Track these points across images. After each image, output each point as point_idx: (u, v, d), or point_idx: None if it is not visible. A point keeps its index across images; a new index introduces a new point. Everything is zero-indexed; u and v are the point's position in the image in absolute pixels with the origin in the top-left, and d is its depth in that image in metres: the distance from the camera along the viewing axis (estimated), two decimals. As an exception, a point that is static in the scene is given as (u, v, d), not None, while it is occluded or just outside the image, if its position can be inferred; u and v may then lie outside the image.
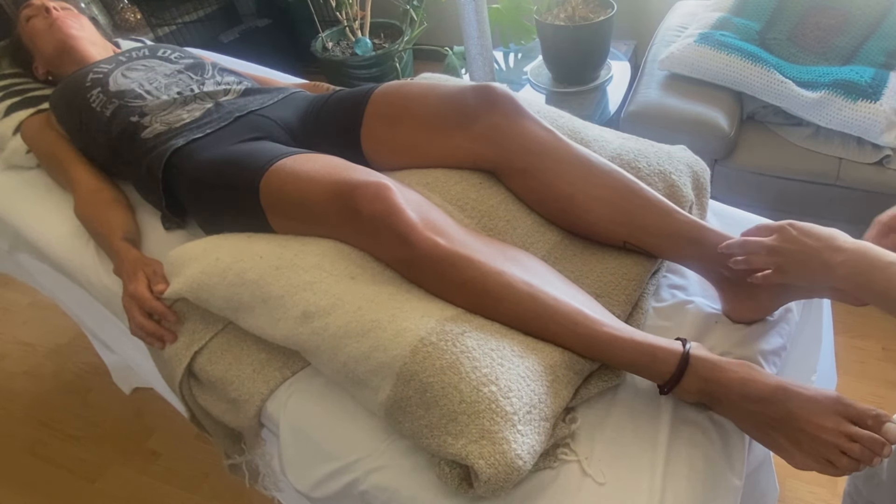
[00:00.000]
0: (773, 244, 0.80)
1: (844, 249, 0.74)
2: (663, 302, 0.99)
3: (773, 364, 0.89)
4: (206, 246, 0.97)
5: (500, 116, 0.98)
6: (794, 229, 0.79)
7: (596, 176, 0.95)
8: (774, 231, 0.81)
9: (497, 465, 0.69)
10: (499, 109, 0.98)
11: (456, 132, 1.00)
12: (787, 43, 1.70)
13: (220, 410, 0.98)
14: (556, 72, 2.06)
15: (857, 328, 1.66)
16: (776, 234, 0.81)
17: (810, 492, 1.37)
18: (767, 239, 0.82)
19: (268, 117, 1.15)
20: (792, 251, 0.79)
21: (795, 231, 0.79)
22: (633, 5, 2.32)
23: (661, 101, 1.70)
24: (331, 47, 2.58)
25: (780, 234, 0.80)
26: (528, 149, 0.97)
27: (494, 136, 0.98)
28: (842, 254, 0.74)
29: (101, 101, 1.20)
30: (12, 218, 1.30)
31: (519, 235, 0.97)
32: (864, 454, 0.68)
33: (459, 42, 2.07)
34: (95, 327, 1.52)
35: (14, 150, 1.36)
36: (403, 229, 0.82)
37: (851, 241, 0.76)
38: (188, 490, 1.57)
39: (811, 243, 0.77)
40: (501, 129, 0.98)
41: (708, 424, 0.81)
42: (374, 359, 0.78)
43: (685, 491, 0.75)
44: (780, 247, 0.80)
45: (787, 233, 0.80)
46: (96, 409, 1.81)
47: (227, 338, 0.97)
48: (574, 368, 0.81)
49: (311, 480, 0.88)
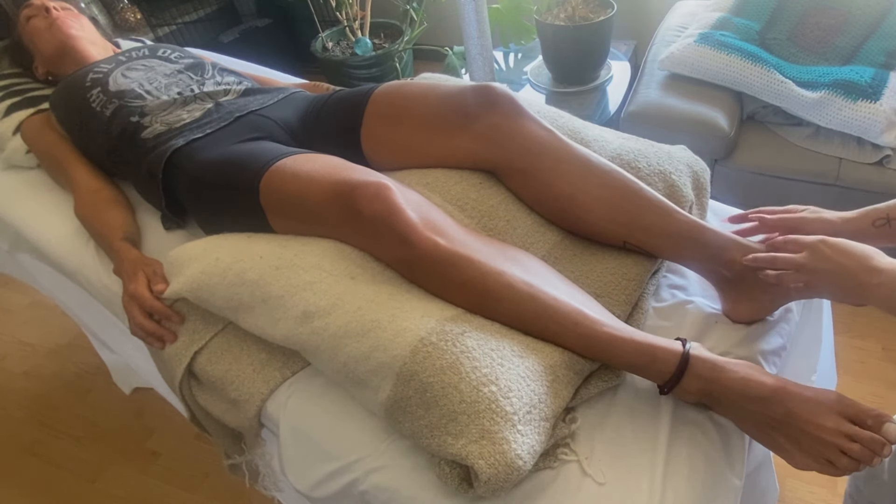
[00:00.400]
0: (805, 262, 0.77)
1: (882, 270, 0.71)
2: (663, 302, 0.99)
3: (773, 364, 0.89)
4: (206, 246, 0.97)
5: (500, 116, 0.98)
6: (827, 247, 0.76)
7: (596, 176, 0.95)
8: (806, 247, 0.78)
9: (497, 465, 0.69)
10: (499, 109, 0.98)
11: (456, 132, 1.00)
12: (787, 43, 1.71)
13: (220, 410, 0.98)
14: (556, 72, 2.06)
15: (857, 328, 1.66)
16: (807, 252, 0.77)
17: (810, 492, 1.37)
18: (799, 256, 0.78)
19: (268, 117, 1.15)
20: (826, 270, 0.75)
21: (829, 249, 0.75)
22: (633, 5, 2.32)
23: (661, 101, 1.70)
24: (331, 47, 2.58)
25: (812, 251, 0.77)
26: (527, 149, 0.97)
27: (494, 136, 0.98)
28: (880, 275, 0.70)
29: (101, 101, 1.20)
30: (12, 218, 1.30)
31: (519, 235, 0.97)
32: (864, 454, 0.68)
33: (459, 42, 2.07)
34: (95, 327, 1.52)
35: (14, 150, 1.36)
36: (403, 229, 0.82)
37: (888, 260, 0.72)
38: (188, 490, 1.57)
39: (846, 263, 0.73)
40: (501, 129, 0.98)
41: (708, 424, 0.81)
42: (374, 359, 0.78)
43: (685, 491, 0.75)
44: (813, 266, 0.76)
45: (819, 251, 0.76)
46: (96, 409, 1.81)
47: (227, 338, 0.97)
48: (574, 368, 0.81)
49: (311, 480, 0.88)
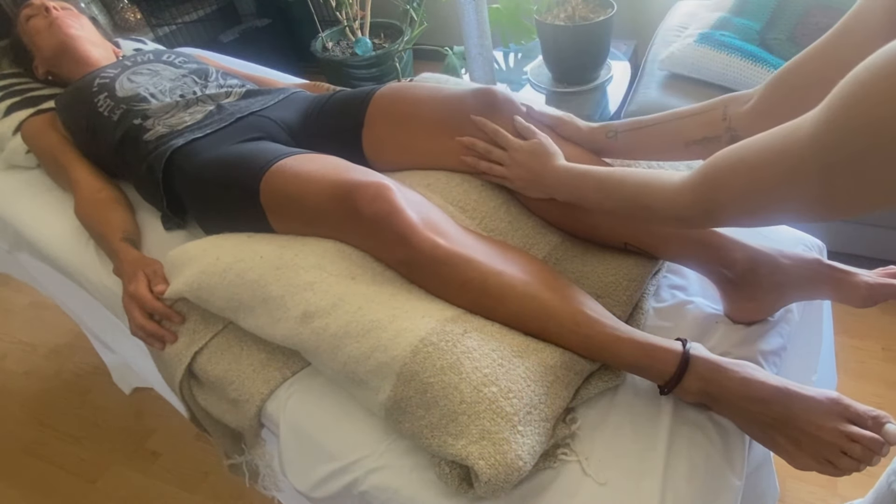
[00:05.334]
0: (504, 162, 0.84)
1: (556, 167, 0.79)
2: (663, 302, 0.99)
3: (773, 364, 0.89)
4: (206, 246, 0.97)
5: (501, 120, 0.98)
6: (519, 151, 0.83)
7: (596, 176, 0.95)
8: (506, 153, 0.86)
9: (497, 466, 0.69)
10: (500, 114, 0.98)
11: (457, 135, 1.00)
12: (788, 43, 1.70)
13: (220, 410, 0.98)
14: (556, 72, 2.06)
15: (857, 328, 1.66)
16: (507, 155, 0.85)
17: (810, 492, 1.37)
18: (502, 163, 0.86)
19: (268, 117, 1.15)
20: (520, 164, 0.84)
21: (521, 152, 0.82)
22: (633, 5, 2.32)
23: (661, 101, 1.70)
24: (331, 47, 2.58)
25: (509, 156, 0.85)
26: (528, 149, 0.97)
27: (495, 139, 0.98)
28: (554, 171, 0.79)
29: (109, 106, 1.21)
30: (12, 218, 1.30)
31: (520, 237, 0.97)
32: (864, 454, 0.68)
33: (459, 42, 2.07)
34: (95, 327, 1.52)
35: (14, 150, 1.36)
36: (404, 229, 0.82)
37: (563, 162, 0.81)
38: (188, 490, 1.57)
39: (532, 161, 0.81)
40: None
41: (708, 424, 0.81)
42: (375, 359, 0.78)
43: (685, 491, 0.75)
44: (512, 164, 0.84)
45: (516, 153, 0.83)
46: (96, 409, 1.81)
47: (227, 338, 0.97)
48: (574, 369, 0.81)
49: (311, 480, 0.88)
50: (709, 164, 0.66)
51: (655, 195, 0.73)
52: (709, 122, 0.85)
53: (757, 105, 0.80)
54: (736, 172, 0.62)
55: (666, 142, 0.91)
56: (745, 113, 0.81)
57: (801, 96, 0.73)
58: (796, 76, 0.75)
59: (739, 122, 0.82)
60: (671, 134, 0.90)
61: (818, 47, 0.73)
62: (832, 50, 0.71)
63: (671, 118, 0.90)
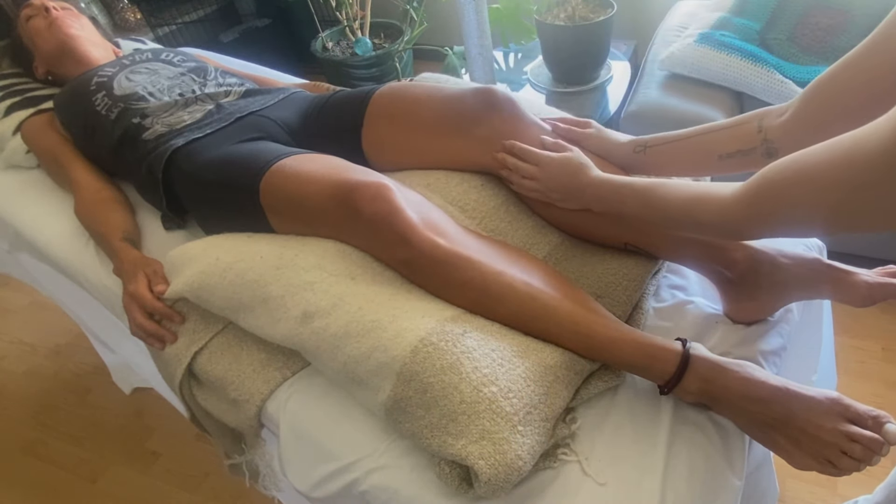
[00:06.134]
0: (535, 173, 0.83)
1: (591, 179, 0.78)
2: (663, 302, 0.99)
3: (773, 364, 0.89)
4: (206, 246, 0.97)
5: (501, 120, 0.98)
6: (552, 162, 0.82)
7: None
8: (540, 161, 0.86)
9: (497, 466, 0.69)
10: (499, 113, 0.98)
11: (457, 136, 1.01)
12: (788, 43, 1.70)
13: (220, 410, 0.98)
14: (556, 72, 2.06)
15: (857, 328, 1.66)
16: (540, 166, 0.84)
17: (810, 492, 1.37)
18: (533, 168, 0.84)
19: (268, 117, 1.15)
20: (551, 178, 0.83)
21: (554, 164, 0.81)
22: (633, 5, 2.32)
23: (661, 101, 1.70)
24: (331, 47, 2.58)
25: (543, 166, 0.84)
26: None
27: (495, 139, 0.98)
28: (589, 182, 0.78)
29: (107, 105, 1.21)
30: (12, 218, 1.30)
31: (520, 237, 0.97)
32: (864, 454, 0.68)
33: (459, 42, 2.07)
34: (95, 327, 1.52)
35: (14, 150, 1.36)
36: (403, 229, 0.82)
37: (597, 173, 0.80)
38: (188, 490, 1.57)
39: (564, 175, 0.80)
40: (502, 132, 0.98)
41: (708, 424, 0.81)
42: (375, 359, 0.78)
43: (685, 491, 0.75)
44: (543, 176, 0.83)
45: (547, 166, 0.82)
46: (96, 409, 1.81)
47: (227, 338, 0.97)
48: (574, 369, 0.81)
49: (311, 480, 0.88)
50: (762, 178, 0.65)
51: (705, 209, 0.72)
52: (743, 134, 0.85)
53: (793, 116, 0.79)
54: (797, 186, 0.60)
55: (698, 156, 0.90)
56: (781, 124, 0.81)
57: (839, 106, 0.73)
58: (832, 86, 0.75)
59: (775, 134, 0.81)
60: (703, 147, 0.89)
61: (853, 57, 0.72)
62: (867, 59, 0.70)
63: (703, 132, 0.90)
